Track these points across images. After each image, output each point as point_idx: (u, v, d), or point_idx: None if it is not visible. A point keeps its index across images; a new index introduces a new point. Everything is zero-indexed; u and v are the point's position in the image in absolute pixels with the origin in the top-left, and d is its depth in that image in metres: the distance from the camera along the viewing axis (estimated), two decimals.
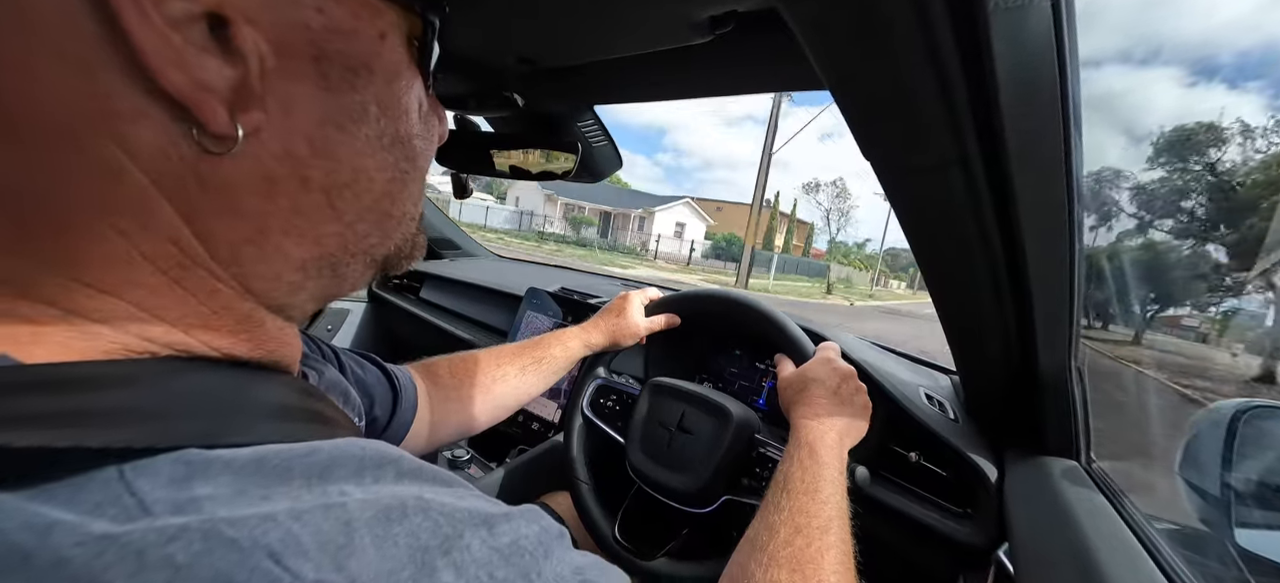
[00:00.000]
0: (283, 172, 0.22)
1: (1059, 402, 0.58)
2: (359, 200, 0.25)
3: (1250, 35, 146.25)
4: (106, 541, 0.15)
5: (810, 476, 0.49)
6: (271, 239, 0.23)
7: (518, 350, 0.72)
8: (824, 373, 0.63)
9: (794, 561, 0.42)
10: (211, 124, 0.20)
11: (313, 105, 0.22)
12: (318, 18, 0.22)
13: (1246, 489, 0.71)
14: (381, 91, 0.25)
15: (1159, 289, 15.31)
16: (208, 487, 0.18)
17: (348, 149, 0.24)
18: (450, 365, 0.66)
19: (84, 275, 0.19)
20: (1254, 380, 10.25)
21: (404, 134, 0.27)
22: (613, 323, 0.80)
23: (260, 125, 0.21)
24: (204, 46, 0.19)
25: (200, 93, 0.19)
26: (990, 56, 0.28)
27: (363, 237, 0.26)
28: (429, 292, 1.47)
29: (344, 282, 0.27)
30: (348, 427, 0.28)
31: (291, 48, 0.21)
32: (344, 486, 0.20)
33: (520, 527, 0.23)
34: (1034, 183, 0.37)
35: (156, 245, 0.20)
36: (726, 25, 0.42)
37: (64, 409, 0.17)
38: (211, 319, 0.23)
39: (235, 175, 0.21)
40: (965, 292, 0.51)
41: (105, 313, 0.20)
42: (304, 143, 0.22)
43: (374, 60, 0.24)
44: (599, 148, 0.78)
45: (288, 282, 0.25)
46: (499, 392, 0.68)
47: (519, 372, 0.70)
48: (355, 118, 0.24)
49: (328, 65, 0.22)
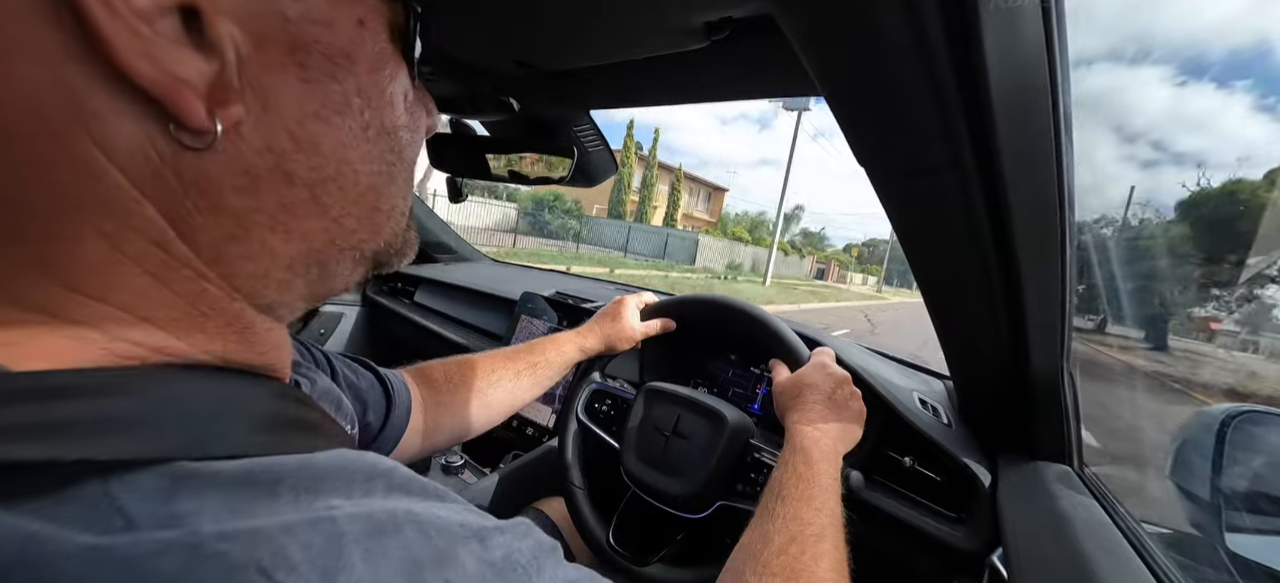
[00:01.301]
0: (265, 166, 0.22)
1: (1051, 406, 0.59)
2: (344, 194, 0.25)
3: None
4: (94, 552, 0.15)
5: (805, 483, 0.49)
6: (256, 236, 0.23)
7: (512, 355, 0.71)
8: (819, 378, 0.63)
9: (788, 569, 0.41)
10: (188, 119, 0.19)
11: (293, 97, 0.22)
12: (294, 6, 0.21)
13: (1237, 494, 0.71)
14: (364, 82, 0.24)
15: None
16: (194, 502, 0.17)
17: (331, 141, 0.23)
18: (445, 370, 0.65)
19: (68, 279, 0.19)
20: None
21: (389, 125, 0.26)
22: (608, 327, 0.79)
23: (239, 119, 0.21)
24: (177, 39, 0.19)
25: (175, 86, 0.19)
26: (982, 62, 0.28)
27: (350, 232, 0.26)
28: (423, 296, 1.47)
29: (334, 279, 0.27)
30: (339, 436, 0.27)
31: (268, 39, 0.21)
32: (333, 499, 0.19)
33: (513, 541, 0.22)
34: (1026, 187, 0.38)
35: (139, 246, 0.20)
36: (722, 31, 0.42)
37: (49, 420, 0.17)
38: (201, 321, 0.22)
39: (216, 172, 0.21)
40: (958, 295, 0.52)
41: (93, 317, 0.20)
42: (286, 136, 0.22)
43: (355, 49, 0.24)
44: (595, 152, 0.78)
45: (276, 280, 0.24)
46: (494, 397, 0.67)
47: (514, 376, 0.69)
48: (338, 109, 0.23)
49: (306, 55, 0.22)
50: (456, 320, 1.36)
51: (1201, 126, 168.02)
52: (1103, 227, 7.80)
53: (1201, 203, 18.48)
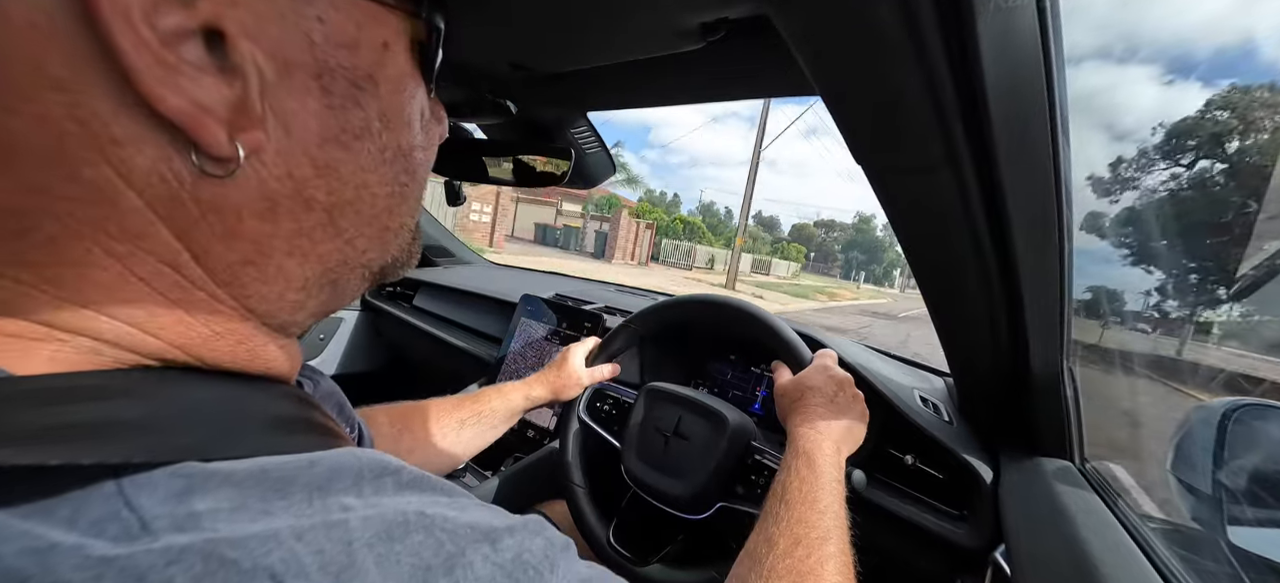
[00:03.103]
0: (284, 192, 0.22)
1: (1051, 403, 0.59)
2: (360, 216, 0.25)
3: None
4: (106, 564, 0.15)
5: (808, 486, 0.49)
6: (273, 260, 0.23)
7: (458, 403, 0.70)
8: (821, 381, 0.63)
9: (793, 573, 0.41)
10: (210, 147, 0.19)
11: (315, 122, 0.22)
12: (319, 29, 0.21)
13: (1238, 487, 0.71)
14: (385, 105, 0.24)
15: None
16: (208, 501, 0.17)
17: (351, 166, 0.23)
18: (389, 416, 0.64)
19: (77, 297, 0.19)
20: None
21: (406, 146, 0.26)
22: (553, 377, 0.79)
23: (261, 145, 0.20)
24: (200, 64, 0.18)
25: (198, 114, 0.18)
26: (978, 60, 0.28)
27: (362, 252, 0.26)
28: (423, 299, 1.47)
29: (343, 295, 0.27)
30: (343, 438, 0.27)
31: (292, 63, 0.20)
32: (344, 498, 0.19)
33: (524, 540, 0.22)
34: (1023, 183, 0.38)
35: (151, 267, 0.20)
36: (718, 32, 0.42)
37: (59, 423, 0.17)
38: (211, 339, 0.22)
39: (235, 198, 0.20)
40: (957, 293, 0.52)
41: (99, 331, 0.20)
42: (307, 162, 0.22)
43: (377, 72, 0.23)
44: (592, 154, 0.78)
45: (290, 301, 0.24)
46: (442, 445, 0.66)
47: (457, 426, 0.68)
48: (358, 134, 0.23)
49: (330, 79, 0.22)
50: (455, 324, 1.35)
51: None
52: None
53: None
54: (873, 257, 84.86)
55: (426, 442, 0.65)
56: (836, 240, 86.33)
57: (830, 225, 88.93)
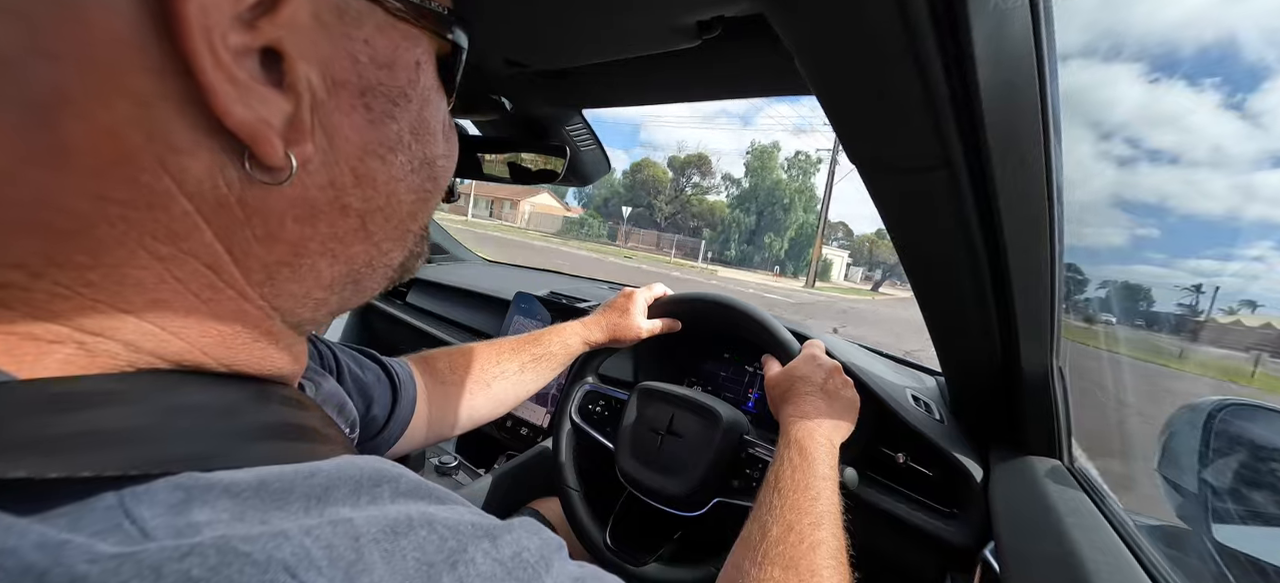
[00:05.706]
0: (325, 200, 0.23)
1: (1041, 402, 0.59)
2: (388, 221, 0.26)
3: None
4: (122, 559, 0.15)
5: (801, 473, 0.50)
6: (307, 260, 0.24)
7: (517, 345, 0.71)
8: (810, 370, 0.63)
9: (787, 558, 0.42)
10: (268, 158, 0.20)
11: (357, 136, 0.23)
12: (364, 50, 0.23)
13: (1223, 486, 0.73)
14: (415, 118, 0.26)
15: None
16: (207, 512, 0.17)
17: (385, 176, 0.25)
18: (449, 359, 0.65)
19: (111, 299, 0.19)
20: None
21: (431, 156, 0.28)
22: (614, 321, 0.77)
23: (308, 157, 0.22)
24: (261, 80, 0.20)
25: (261, 128, 0.20)
26: (972, 61, 0.28)
27: (386, 253, 0.27)
28: (416, 296, 1.46)
29: (364, 293, 0.28)
30: (340, 442, 0.28)
31: (340, 81, 0.22)
32: (342, 509, 0.20)
33: (522, 538, 0.23)
34: (1015, 184, 0.38)
35: (191, 268, 0.21)
36: (713, 30, 0.42)
37: (59, 432, 0.17)
38: (229, 338, 0.23)
39: (279, 203, 0.22)
40: (949, 292, 0.52)
41: (117, 330, 0.20)
42: (348, 172, 0.23)
43: (411, 88, 0.25)
44: (587, 152, 0.78)
45: (315, 298, 0.25)
46: (498, 388, 0.67)
47: (519, 369, 0.69)
48: (392, 146, 0.25)
49: (372, 96, 0.23)
50: (449, 321, 1.35)
51: (1173, 122, 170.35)
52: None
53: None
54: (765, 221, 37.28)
55: (488, 382, 0.66)
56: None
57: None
